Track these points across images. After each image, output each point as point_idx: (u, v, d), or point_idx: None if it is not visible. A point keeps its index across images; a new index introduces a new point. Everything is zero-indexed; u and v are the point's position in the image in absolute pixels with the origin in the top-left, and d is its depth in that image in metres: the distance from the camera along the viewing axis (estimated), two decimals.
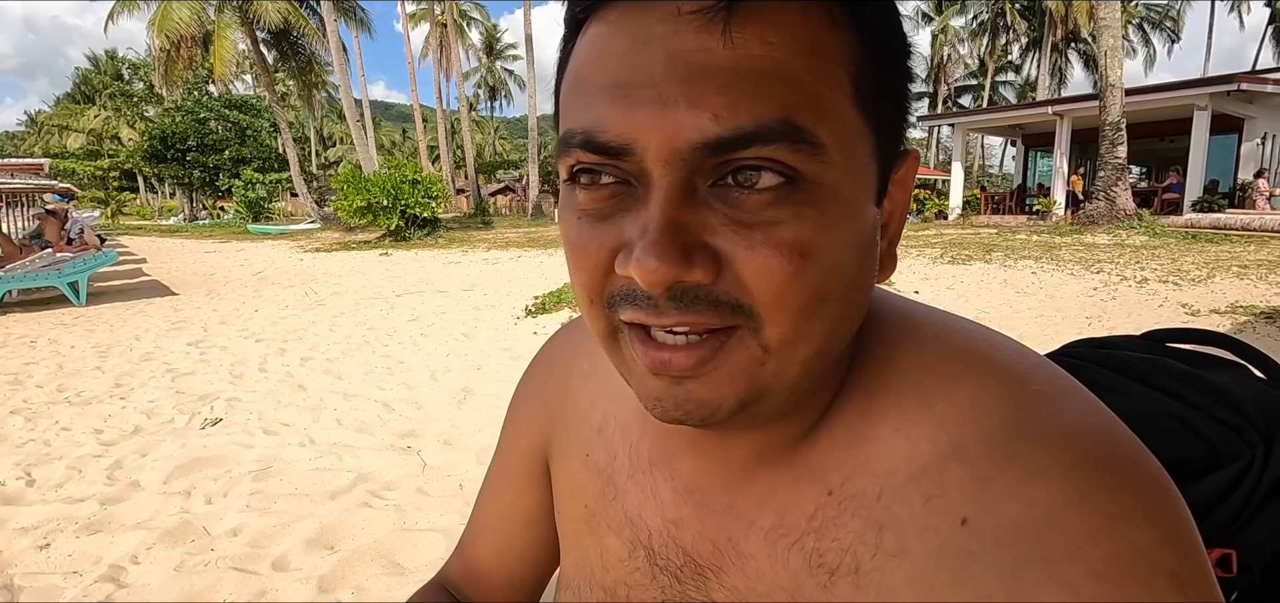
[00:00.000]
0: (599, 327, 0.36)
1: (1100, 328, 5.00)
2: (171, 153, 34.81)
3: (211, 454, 3.06)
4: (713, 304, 0.31)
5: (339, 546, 2.26)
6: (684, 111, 0.30)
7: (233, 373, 4.60)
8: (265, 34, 24.14)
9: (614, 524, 0.48)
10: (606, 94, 0.31)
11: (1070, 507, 0.31)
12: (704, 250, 0.31)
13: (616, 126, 0.31)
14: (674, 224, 0.31)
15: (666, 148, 0.30)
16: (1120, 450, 0.33)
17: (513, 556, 0.62)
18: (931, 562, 0.33)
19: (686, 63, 0.30)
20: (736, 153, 0.30)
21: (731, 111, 0.29)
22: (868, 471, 0.37)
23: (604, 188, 0.33)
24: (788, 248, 0.31)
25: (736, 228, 0.31)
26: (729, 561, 0.42)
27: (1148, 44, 36.88)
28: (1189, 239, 10.42)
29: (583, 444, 0.52)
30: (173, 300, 8.30)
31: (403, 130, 69.51)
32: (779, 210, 0.31)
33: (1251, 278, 6.85)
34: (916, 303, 0.44)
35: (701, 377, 0.33)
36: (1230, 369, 0.66)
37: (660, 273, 0.30)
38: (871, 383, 0.39)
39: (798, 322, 0.32)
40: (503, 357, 4.93)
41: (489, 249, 14.33)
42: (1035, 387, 0.36)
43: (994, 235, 12.46)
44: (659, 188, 0.31)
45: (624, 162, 0.32)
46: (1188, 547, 0.30)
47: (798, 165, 0.30)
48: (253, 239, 21.18)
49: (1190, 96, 14.43)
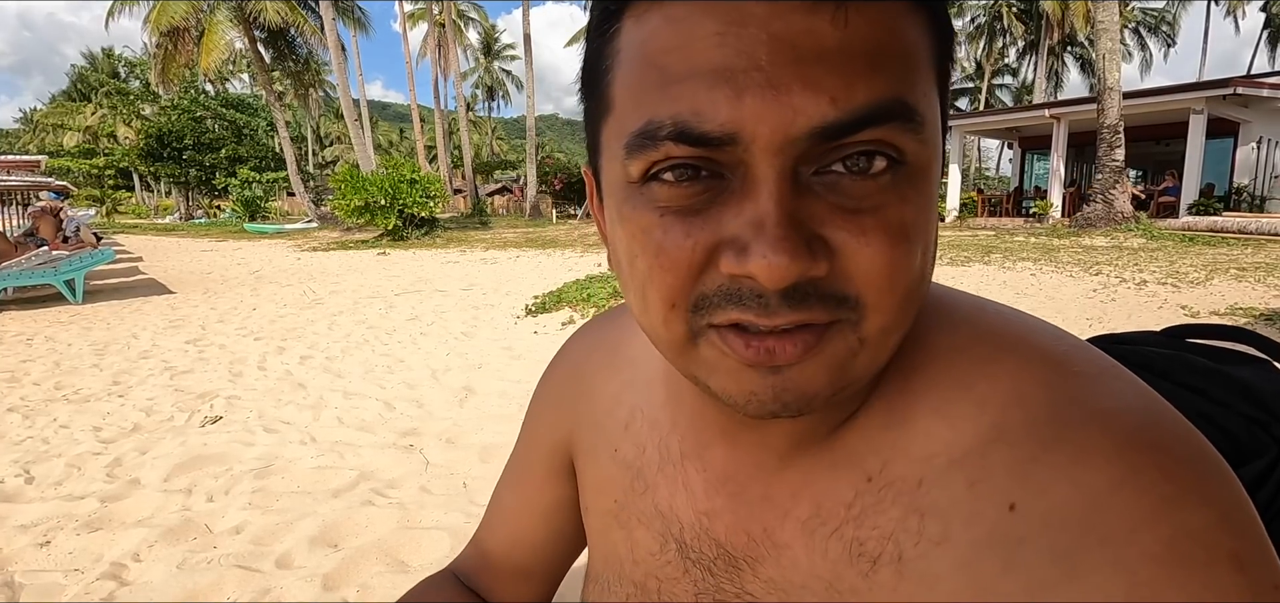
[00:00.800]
0: (675, 332, 0.33)
1: (1101, 329, 5.02)
2: (168, 151, 34.74)
3: (212, 452, 3.05)
4: (822, 299, 0.30)
5: (342, 544, 2.26)
6: (799, 96, 0.28)
7: (232, 371, 4.58)
8: (262, 33, 24.08)
9: (644, 518, 0.48)
10: (703, 81, 0.29)
11: (1123, 488, 0.30)
12: (819, 242, 0.30)
13: (722, 115, 0.29)
14: (792, 217, 0.29)
15: (780, 135, 0.29)
16: (1169, 430, 0.32)
17: (528, 547, 0.63)
18: (978, 548, 0.33)
19: (795, 45, 0.28)
20: (853, 136, 0.29)
21: (848, 93, 0.28)
22: (907, 455, 0.36)
23: (698, 183, 0.31)
24: (897, 232, 0.30)
25: (846, 215, 0.30)
26: (764, 551, 0.41)
27: (1144, 48, 37.06)
28: (1186, 242, 10.46)
29: (610, 440, 0.52)
30: (170, 299, 8.27)
31: (400, 130, 69.41)
32: (887, 194, 0.30)
33: (1249, 280, 6.88)
34: (946, 286, 0.43)
35: (800, 365, 0.32)
36: (1252, 364, 0.66)
37: (788, 270, 0.29)
38: (907, 366, 0.38)
39: (901, 309, 0.32)
40: (503, 356, 4.92)
41: (487, 249, 14.32)
42: (1076, 367, 0.35)
43: (992, 237, 12.48)
44: (767, 179, 0.29)
45: (724, 152, 0.30)
46: (1247, 527, 0.29)
47: (905, 146, 0.30)
48: (249, 238, 21.12)
49: (1186, 100, 14.49)
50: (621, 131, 0.32)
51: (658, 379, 0.49)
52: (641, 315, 0.35)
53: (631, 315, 0.55)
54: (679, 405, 0.47)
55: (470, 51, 50.18)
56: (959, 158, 20.05)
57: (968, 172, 33.85)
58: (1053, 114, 16.68)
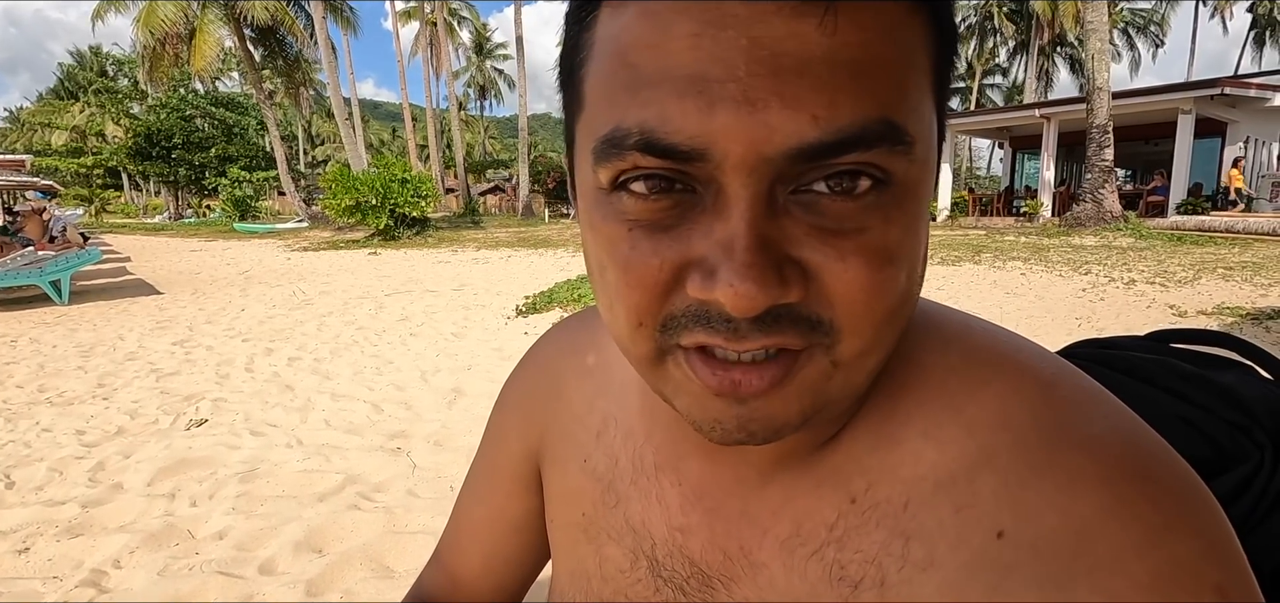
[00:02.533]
0: (643, 350, 0.32)
1: (1089, 329, 5.04)
2: (157, 150, 34.46)
3: (197, 456, 3.01)
4: (795, 322, 0.29)
5: (328, 549, 2.23)
6: (777, 113, 0.26)
7: (219, 373, 4.54)
8: (252, 31, 23.91)
9: (614, 532, 0.46)
10: (674, 87, 0.27)
11: (1111, 517, 0.29)
12: (792, 266, 0.28)
13: (690, 128, 0.27)
14: (764, 241, 0.27)
15: (753, 155, 0.26)
16: (1156, 458, 0.31)
17: (500, 562, 0.60)
18: (964, 574, 0.32)
19: (775, 53, 0.26)
20: (835, 158, 0.27)
21: (831, 112, 0.26)
22: (893, 477, 0.35)
23: (667, 196, 0.29)
24: (878, 255, 0.28)
25: (824, 237, 0.28)
26: (740, 570, 0.40)
27: (1133, 48, 37.35)
28: (1174, 241, 10.54)
29: (580, 449, 0.50)
30: (157, 299, 8.20)
31: (392, 129, 69.16)
32: (871, 215, 0.28)
33: (1236, 279, 6.93)
34: (933, 302, 0.42)
35: (769, 395, 0.30)
36: (1235, 369, 0.65)
37: (757, 299, 0.27)
38: (895, 384, 0.37)
39: (878, 332, 0.30)
40: (494, 357, 4.89)
41: (479, 249, 14.27)
42: (1063, 391, 0.34)
43: (982, 237, 12.54)
44: (740, 199, 0.27)
45: (693, 167, 0.27)
46: (1231, 558, 0.29)
47: (892, 168, 0.28)
48: (239, 238, 20.99)
49: (1174, 100, 14.61)
50: (591, 134, 0.30)
51: (633, 386, 0.47)
52: (611, 326, 0.34)
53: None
54: (654, 415, 0.45)
55: (462, 50, 50.03)
56: (950, 157, 20.16)
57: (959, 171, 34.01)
58: (1043, 114, 16.78)
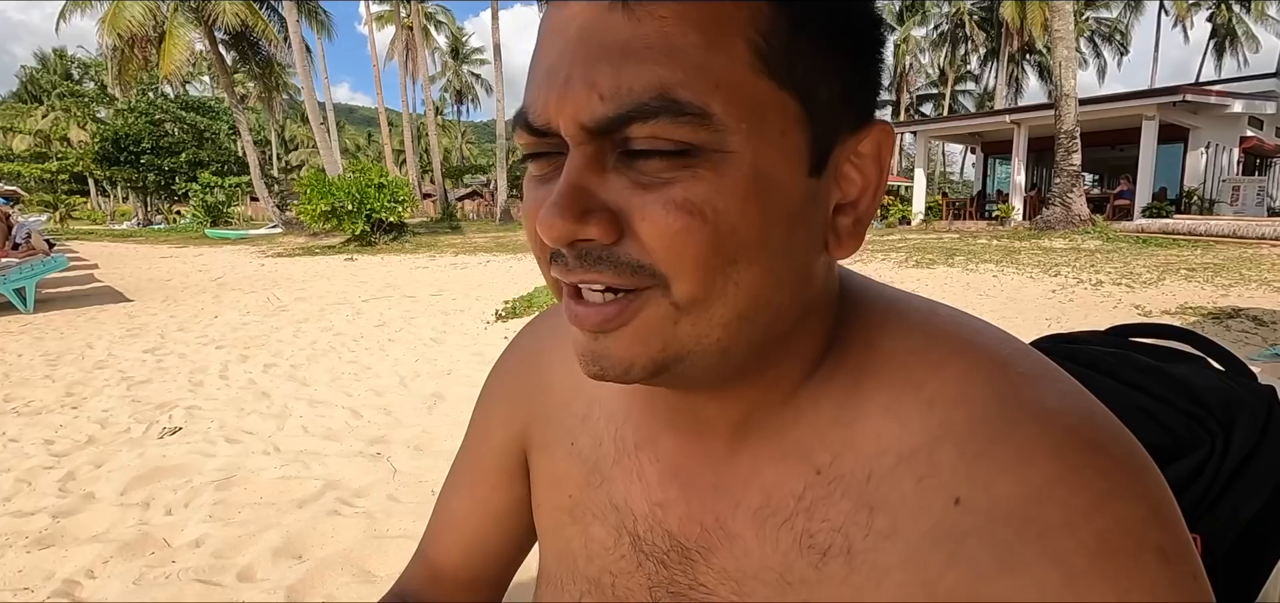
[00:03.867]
0: (551, 287, 0.39)
1: (1059, 328, 5.16)
2: (125, 155, 33.60)
3: (171, 464, 2.96)
4: (615, 264, 0.33)
5: (307, 555, 2.21)
6: (579, 91, 0.32)
7: (192, 381, 4.46)
8: (224, 34, 23.51)
9: (599, 512, 0.48)
10: (535, 77, 0.34)
11: (1061, 483, 0.31)
12: (603, 211, 0.33)
13: (539, 109, 0.33)
14: (575, 187, 0.32)
15: (571, 124, 0.32)
16: (1104, 430, 0.34)
17: (482, 554, 0.60)
18: (925, 542, 0.34)
19: (588, 42, 0.32)
20: (625, 129, 0.31)
21: (614, 91, 0.31)
22: (856, 451, 0.37)
23: (546, 158, 0.36)
24: (678, 206, 0.32)
25: (635, 190, 0.32)
26: (717, 541, 0.42)
27: (1099, 56, 38.25)
28: (1140, 244, 10.82)
29: (566, 433, 0.52)
30: (127, 307, 8.02)
31: (368, 134, 68.35)
32: (675, 172, 0.32)
33: (1198, 280, 7.14)
34: (900, 291, 0.44)
35: (613, 334, 0.35)
36: (1189, 362, 0.69)
37: (556, 229, 0.32)
38: (857, 365, 0.39)
39: (702, 280, 0.33)
40: (473, 361, 4.87)
41: (457, 254, 14.17)
42: (1020, 369, 0.37)
43: (956, 240, 12.76)
44: (570, 157, 0.33)
45: (551, 138, 0.34)
46: (1171, 522, 0.31)
47: (686, 138, 0.31)
48: (211, 244, 20.59)
49: (1139, 107, 15.01)
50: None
51: None
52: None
53: None
54: (632, 395, 0.47)
55: (438, 54, 49.69)
56: (923, 163, 20.45)
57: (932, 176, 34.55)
58: (1013, 120, 17.13)
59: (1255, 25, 33.47)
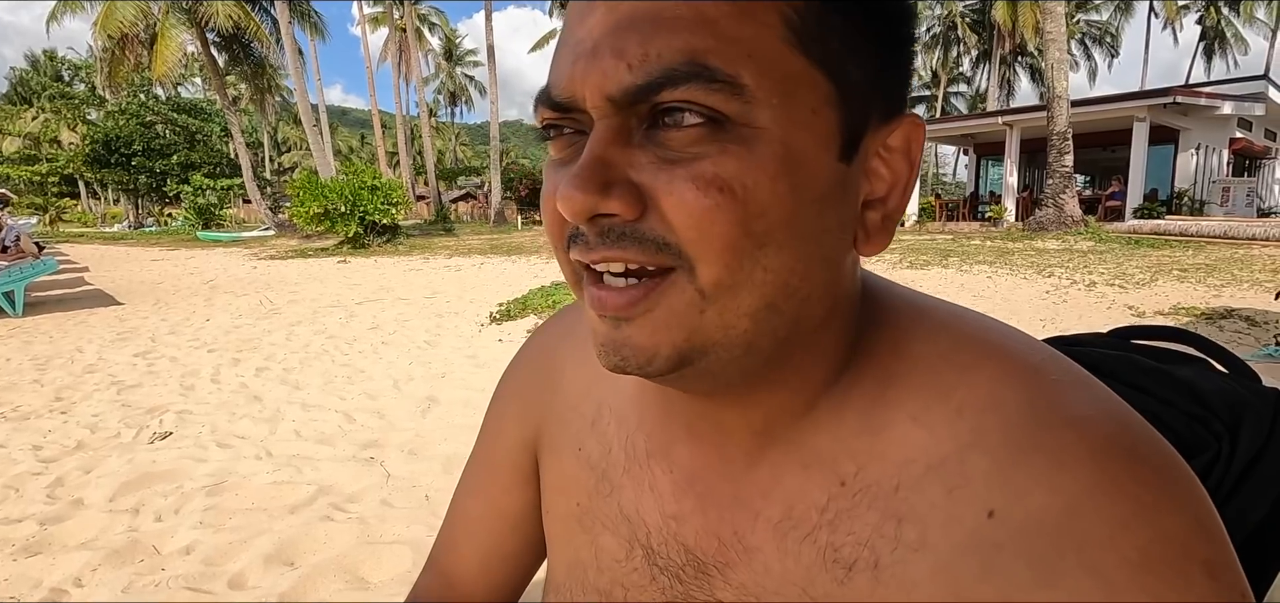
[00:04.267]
0: (567, 276, 0.37)
1: (1054, 329, 5.17)
2: (116, 157, 33.43)
3: (161, 469, 2.93)
4: (638, 241, 0.32)
5: (299, 561, 2.19)
6: (607, 60, 0.31)
7: (183, 385, 4.43)
8: (216, 36, 23.39)
9: (609, 522, 0.46)
10: (561, 53, 0.34)
11: (1099, 494, 0.30)
12: (627, 185, 0.32)
13: (564, 82, 0.33)
14: (598, 160, 0.32)
15: (597, 95, 0.32)
16: (1141, 438, 0.32)
17: (499, 559, 0.59)
18: (956, 554, 0.33)
19: (617, 15, 0.31)
20: (654, 97, 0.31)
21: (643, 59, 0.30)
22: (883, 460, 0.36)
23: (565, 138, 0.35)
24: (706, 181, 0.31)
25: (662, 165, 0.32)
26: (735, 555, 0.40)
27: (1090, 58, 38.54)
28: (1132, 245, 10.87)
29: (575, 438, 0.50)
30: (117, 310, 7.96)
31: (361, 136, 68.14)
32: (702, 147, 0.31)
33: (1191, 281, 7.18)
34: (924, 294, 0.43)
35: (637, 320, 0.33)
36: (1193, 364, 0.68)
37: (576, 202, 0.31)
38: (883, 371, 0.38)
39: (729, 263, 0.31)
40: (467, 364, 4.85)
41: (451, 256, 14.13)
42: (1052, 375, 0.35)
43: (949, 241, 12.80)
44: (594, 131, 0.32)
45: (574, 114, 0.34)
46: (1217, 534, 0.30)
47: (718, 106, 0.30)
48: (203, 247, 20.48)
49: (1130, 109, 15.11)
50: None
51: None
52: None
53: None
54: (645, 400, 0.46)
55: (432, 56, 49.58)
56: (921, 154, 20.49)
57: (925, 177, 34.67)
58: (1006, 121, 17.21)
59: (1244, 28, 33.77)
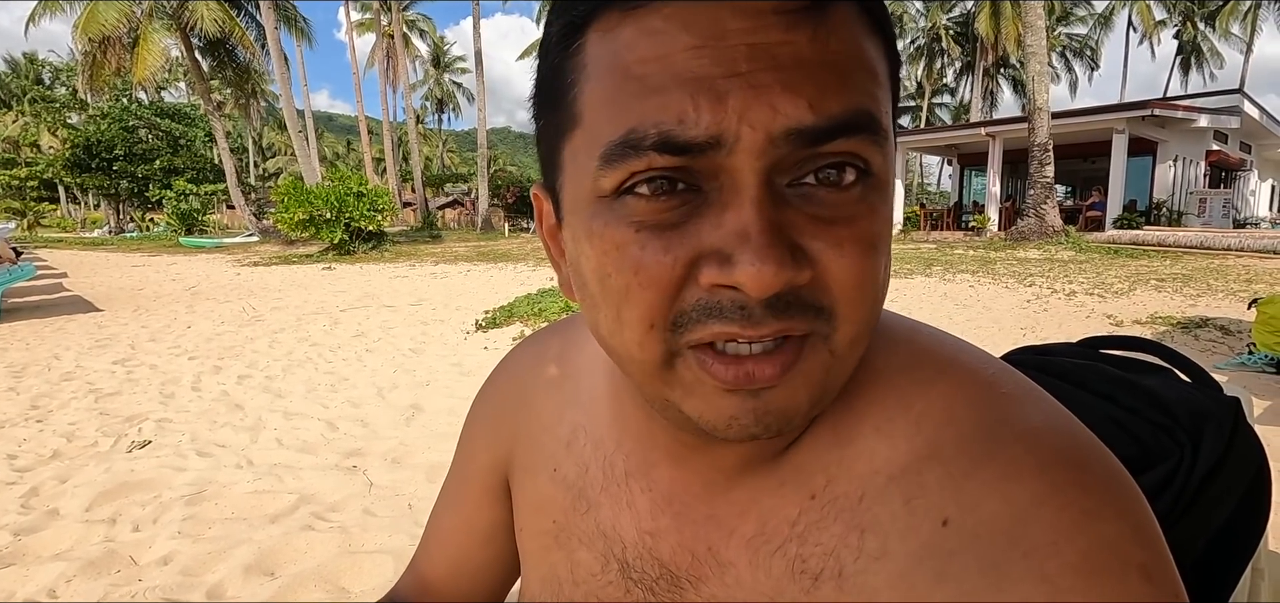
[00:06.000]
0: (651, 354, 0.32)
1: (1034, 338, 5.24)
2: (97, 162, 32.91)
3: (139, 479, 2.89)
4: (803, 308, 0.30)
5: (280, 571, 2.17)
6: (779, 96, 0.28)
7: (163, 393, 4.37)
8: (200, 40, 23.16)
9: (586, 538, 0.47)
10: (685, 88, 0.29)
11: (1046, 503, 0.32)
12: (800, 251, 0.30)
13: (706, 120, 0.28)
14: (774, 224, 0.29)
15: (763, 134, 0.28)
16: (1087, 449, 0.34)
17: (468, 572, 0.61)
18: (912, 562, 0.34)
19: (774, 55, 0.29)
20: (827, 144, 0.29)
21: (822, 100, 0.29)
22: (850, 472, 0.37)
23: (674, 196, 0.30)
24: (868, 243, 0.31)
25: (821, 226, 0.30)
26: (707, 570, 0.41)
27: (1070, 70, 39.10)
28: (1111, 254, 11.04)
29: (549, 459, 0.51)
30: (96, 317, 7.84)
31: (347, 142, 67.72)
32: (859, 206, 0.31)
33: (1168, 290, 7.30)
34: (886, 309, 0.45)
35: (780, 385, 0.32)
36: (1158, 373, 0.70)
37: (775, 278, 0.28)
38: (852, 384, 0.39)
39: (867, 320, 0.33)
40: (452, 372, 4.83)
41: (437, 263, 14.06)
42: (1004, 389, 0.37)
43: (933, 250, 12.92)
44: (749, 187, 0.29)
45: (705, 159, 0.29)
46: (1154, 540, 0.31)
47: (872, 158, 0.31)
48: (185, 252, 20.23)
49: (1109, 121, 15.35)
50: (594, 143, 0.31)
51: (602, 396, 0.49)
52: (613, 336, 0.34)
53: (576, 328, 0.55)
54: (624, 424, 0.47)
55: (419, 63, 49.43)
56: (902, 173, 20.74)
57: (910, 187, 35.02)
58: (988, 132, 17.43)
59: (1219, 42, 34.44)
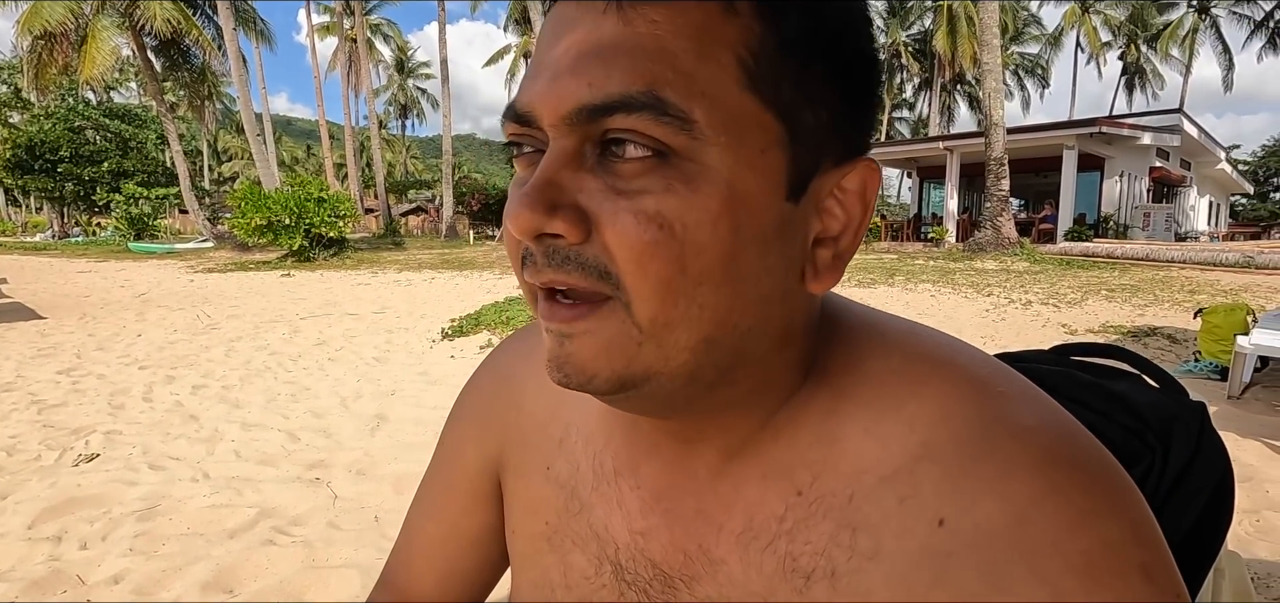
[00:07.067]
0: (526, 294, 0.38)
1: (994, 346, 5.38)
2: (40, 163, 31.59)
3: (87, 494, 2.76)
4: (580, 265, 0.33)
5: (239, 588, 2.09)
6: (567, 81, 0.32)
7: (112, 404, 4.19)
8: (153, 40, 22.41)
9: (579, 539, 0.47)
10: (529, 73, 0.36)
11: (1045, 502, 0.32)
12: (573, 209, 0.32)
13: (525, 98, 0.34)
14: (550, 181, 0.33)
15: (553, 113, 0.33)
16: (1083, 447, 0.34)
17: (458, 581, 0.59)
18: (909, 563, 0.34)
19: (582, 41, 0.33)
20: (607, 120, 0.31)
21: (603, 81, 0.31)
22: (836, 471, 0.37)
23: (527, 156, 0.36)
24: (648, 217, 0.31)
25: (609, 194, 0.32)
26: (700, 568, 0.41)
27: (1023, 88, 40.48)
28: (1064, 265, 11.42)
29: (542, 458, 0.50)
30: (39, 324, 7.50)
31: (307, 146, 66.24)
32: (648, 180, 0.32)
33: (1118, 300, 7.58)
34: (880, 311, 0.45)
35: (578, 338, 0.34)
36: (1127, 379, 0.72)
37: (524, 220, 0.32)
38: (838, 385, 0.39)
39: (665, 300, 0.32)
40: (419, 381, 4.74)
41: (401, 271, 13.82)
42: (999, 388, 0.37)
43: (895, 261, 13.19)
44: (549, 150, 0.34)
45: (532, 129, 0.35)
46: (1153, 539, 0.32)
47: (666, 139, 0.31)
48: (135, 258, 19.51)
49: (1060, 137, 15.94)
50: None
51: None
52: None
53: None
54: (613, 420, 0.47)
55: (383, 67, 48.69)
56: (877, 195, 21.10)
57: None
58: (946, 146, 17.93)
59: (1161, 64, 36.05)
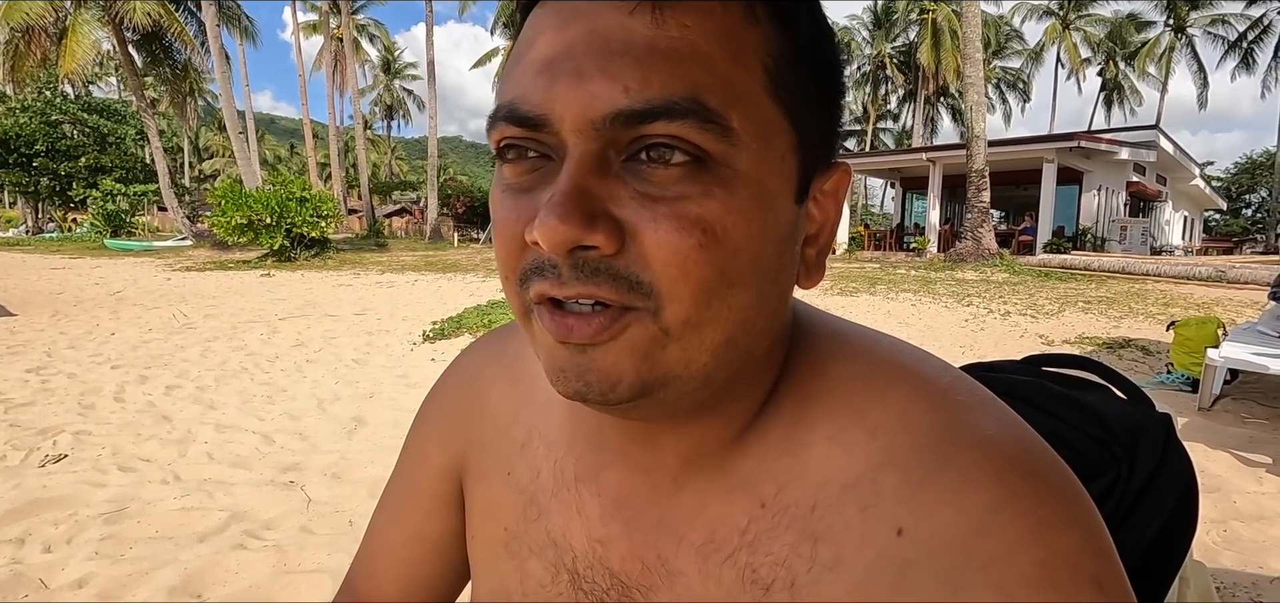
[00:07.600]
0: (516, 306, 0.36)
1: (973, 355, 5.44)
2: (14, 157, 30.92)
3: (53, 496, 2.70)
4: (613, 277, 0.31)
5: (208, 593, 2.05)
6: (598, 83, 0.30)
7: (82, 403, 4.10)
8: (134, 34, 22.08)
9: (536, 547, 0.46)
10: (533, 69, 0.32)
11: (1003, 511, 0.32)
12: (608, 219, 0.31)
13: (537, 99, 0.32)
14: (580, 190, 0.31)
15: (580, 118, 0.31)
16: (1041, 458, 0.34)
17: (421, 587, 0.58)
18: (869, 573, 0.34)
19: (606, 39, 0.31)
20: (646, 126, 0.30)
21: (643, 86, 0.30)
22: (801, 481, 0.37)
23: (527, 161, 0.34)
24: (692, 223, 0.31)
25: (644, 201, 0.31)
26: (658, 579, 0.40)
27: (1005, 102, 41.08)
28: (1042, 277, 11.58)
29: (504, 462, 0.49)
30: (8, 322, 7.33)
31: (290, 145, 65.66)
32: (687, 186, 0.31)
33: (1094, 312, 7.70)
34: (844, 319, 0.45)
35: (602, 346, 0.33)
36: (1097, 390, 0.73)
37: (560, 233, 0.30)
38: (804, 393, 0.39)
39: (701, 302, 0.32)
40: (398, 384, 4.69)
41: (383, 272, 13.71)
42: (960, 397, 0.37)
43: (877, 270, 13.31)
44: (572, 156, 0.31)
45: (543, 133, 0.32)
46: (1105, 550, 0.32)
47: (706, 145, 0.31)
48: (111, 255, 19.16)
49: (1040, 150, 16.20)
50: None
51: (558, 398, 0.47)
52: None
53: None
54: (577, 425, 0.46)
55: (369, 67, 48.36)
56: (847, 196, 21.31)
57: (855, 208, 36.12)
58: (929, 157, 18.14)
59: (1138, 81, 36.75)
